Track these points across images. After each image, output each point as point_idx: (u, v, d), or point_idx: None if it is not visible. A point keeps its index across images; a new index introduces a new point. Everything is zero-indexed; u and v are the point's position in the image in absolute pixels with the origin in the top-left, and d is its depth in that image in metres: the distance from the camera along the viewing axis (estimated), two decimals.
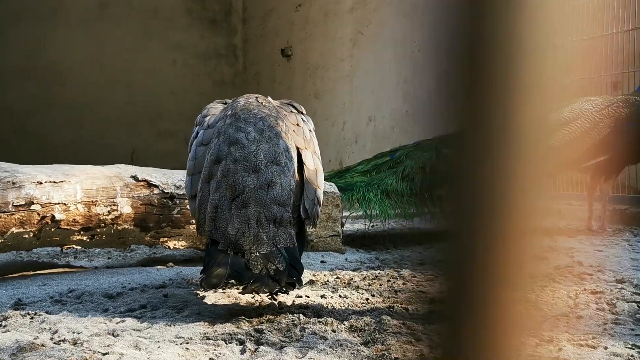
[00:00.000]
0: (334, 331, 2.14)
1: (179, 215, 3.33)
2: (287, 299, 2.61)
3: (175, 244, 3.38)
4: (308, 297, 2.67)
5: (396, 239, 4.63)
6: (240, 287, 2.23)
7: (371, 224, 4.37)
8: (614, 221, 5.32)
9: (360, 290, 2.81)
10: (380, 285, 2.95)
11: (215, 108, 2.66)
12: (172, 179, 3.34)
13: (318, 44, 9.57)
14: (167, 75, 11.13)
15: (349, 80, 8.90)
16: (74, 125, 10.52)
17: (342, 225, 3.96)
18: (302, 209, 2.34)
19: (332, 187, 3.91)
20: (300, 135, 2.54)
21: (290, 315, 2.26)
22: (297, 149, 2.48)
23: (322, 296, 2.67)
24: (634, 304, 2.57)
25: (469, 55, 0.80)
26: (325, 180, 4.10)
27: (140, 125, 10.92)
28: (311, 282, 3.00)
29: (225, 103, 2.72)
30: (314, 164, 2.48)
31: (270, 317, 2.26)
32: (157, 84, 11.01)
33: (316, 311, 2.38)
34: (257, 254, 2.13)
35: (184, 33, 11.35)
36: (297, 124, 2.58)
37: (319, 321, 2.21)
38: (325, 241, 3.83)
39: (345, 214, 4.36)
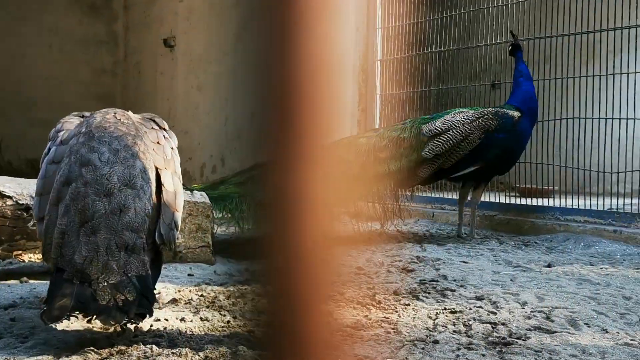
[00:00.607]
0: None
1: (35, 228, 3.15)
2: (144, 324, 2.51)
3: (31, 258, 3.20)
4: (167, 320, 2.57)
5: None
6: (85, 320, 2.11)
7: (245, 231, 4.31)
8: (482, 227, 5.50)
9: (222, 312, 2.75)
10: (245, 304, 2.89)
11: (71, 122, 2.49)
12: (28, 190, 3.15)
13: (202, 37, 9.38)
14: (41, 61, 10.56)
15: (232, 75, 8.78)
16: None
17: (213, 235, 3.88)
18: (157, 234, 2.23)
19: (203, 197, 3.81)
20: (161, 154, 2.42)
21: (143, 346, 2.16)
22: (157, 169, 2.37)
23: (182, 319, 2.59)
24: (488, 325, 2.64)
25: None
26: (198, 191, 4.00)
27: (10, 112, 10.31)
28: (174, 301, 2.91)
29: (83, 116, 2.56)
30: (173, 186, 2.37)
31: (122, 347, 2.16)
32: (30, 70, 10.44)
33: (172, 339, 2.29)
34: (106, 284, 2.03)
35: (61, 17, 10.81)
36: (158, 142, 2.46)
37: (172, 352, 2.14)
38: (195, 252, 3.74)
39: (219, 215, 4.29)
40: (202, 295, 3.02)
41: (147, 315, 2.14)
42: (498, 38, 6.09)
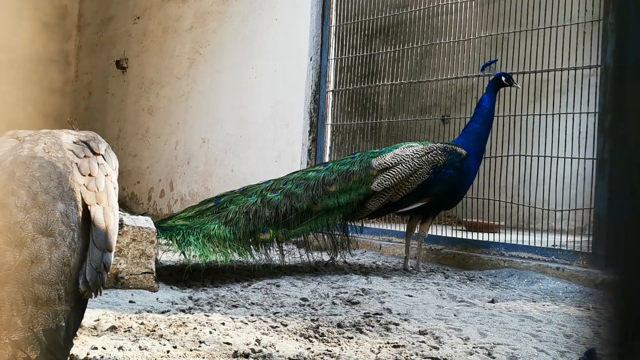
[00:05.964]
0: None
1: None
2: (80, 352, 2.44)
3: None
4: (104, 349, 2.51)
5: (216, 273, 4.54)
6: None
7: (190, 261, 4.25)
8: (429, 261, 5.53)
9: (162, 341, 2.69)
10: (186, 333, 2.84)
11: (2, 148, 2.33)
12: None
13: (155, 59, 9.31)
14: None
15: (184, 99, 8.72)
16: None
17: (157, 261, 3.81)
18: (82, 280, 2.02)
19: (148, 222, 3.75)
20: (92, 188, 2.22)
21: None
22: (87, 205, 2.16)
23: (120, 348, 2.53)
24: None
25: None
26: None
27: None
28: (113, 329, 2.84)
29: (19, 139, 2.40)
30: (104, 222, 2.15)
31: None
32: None
33: None
34: (7, 341, 1.91)
35: (11, 34, 10.62)
36: (90, 174, 2.25)
37: None
38: (137, 278, 3.67)
39: (163, 241, 4.23)
40: (142, 323, 2.96)
41: None
42: (449, 73, 6.19)
